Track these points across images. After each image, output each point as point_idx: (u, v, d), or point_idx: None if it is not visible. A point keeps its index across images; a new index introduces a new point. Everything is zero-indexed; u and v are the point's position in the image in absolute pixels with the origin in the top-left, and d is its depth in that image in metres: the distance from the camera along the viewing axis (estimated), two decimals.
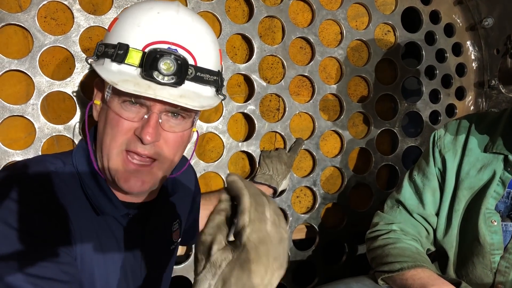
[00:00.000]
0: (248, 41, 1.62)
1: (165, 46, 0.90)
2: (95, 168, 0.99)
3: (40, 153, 1.33)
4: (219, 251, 0.66)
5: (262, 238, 0.66)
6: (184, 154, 1.29)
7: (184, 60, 0.91)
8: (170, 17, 0.94)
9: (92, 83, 1.29)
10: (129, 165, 0.93)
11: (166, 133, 0.95)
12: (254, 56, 1.60)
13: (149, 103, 0.91)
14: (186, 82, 0.92)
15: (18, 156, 1.32)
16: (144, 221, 1.07)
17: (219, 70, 1.01)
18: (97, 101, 1.01)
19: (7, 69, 1.29)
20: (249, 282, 0.64)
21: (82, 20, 1.36)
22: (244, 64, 1.59)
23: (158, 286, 1.16)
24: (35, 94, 1.32)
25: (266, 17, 1.61)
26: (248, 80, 1.64)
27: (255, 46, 1.59)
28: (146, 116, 0.92)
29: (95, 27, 1.39)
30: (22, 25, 1.29)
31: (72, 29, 1.35)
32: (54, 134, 1.35)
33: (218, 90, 1.03)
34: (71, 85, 1.36)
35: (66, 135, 1.36)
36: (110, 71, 0.91)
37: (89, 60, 0.99)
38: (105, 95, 0.94)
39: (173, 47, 0.91)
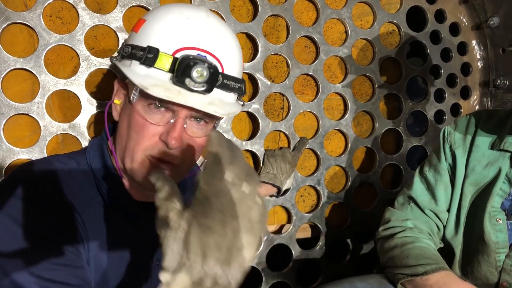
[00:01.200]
0: (252, 40, 1.62)
1: (194, 53, 0.90)
2: (112, 166, 1.00)
3: (45, 152, 1.34)
4: (175, 215, 0.64)
5: (215, 192, 0.64)
6: None
7: (216, 68, 0.91)
8: (200, 22, 0.94)
9: (98, 81, 1.30)
10: (152, 166, 0.94)
11: (188, 138, 0.95)
12: (258, 55, 1.59)
13: (176, 108, 0.91)
14: (214, 89, 0.92)
15: (23, 154, 1.32)
16: (154, 220, 1.07)
17: (242, 78, 1.01)
18: (117, 101, 1.02)
19: (13, 67, 1.29)
20: (209, 241, 0.61)
21: (87, 19, 1.36)
22: (249, 63, 1.59)
23: None
24: (40, 93, 1.33)
25: (271, 16, 1.61)
26: (252, 79, 1.64)
27: (260, 45, 1.59)
28: (172, 121, 0.92)
29: (100, 26, 1.39)
30: (28, 23, 1.30)
31: (77, 27, 1.35)
32: (59, 133, 1.35)
33: (239, 97, 1.05)
34: (76, 84, 1.36)
35: (71, 133, 1.37)
36: (138, 74, 0.91)
37: (114, 60, 0.99)
38: (131, 98, 0.94)
39: (202, 53, 0.91)
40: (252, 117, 1.67)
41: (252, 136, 1.66)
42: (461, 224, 1.30)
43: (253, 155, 1.68)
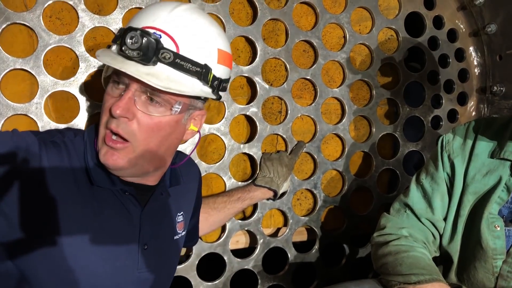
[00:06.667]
0: (251, 43, 1.62)
1: (151, 31, 0.95)
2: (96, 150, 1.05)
3: None
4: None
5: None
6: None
7: (155, 40, 0.94)
8: (167, 7, 0.99)
9: (97, 82, 1.34)
10: (107, 141, 0.99)
11: (140, 114, 0.97)
12: (257, 59, 1.60)
13: (127, 82, 0.97)
14: (162, 65, 0.96)
15: None
16: (143, 203, 1.10)
17: (206, 64, 1.01)
18: None
19: (12, 67, 1.29)
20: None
21: (87, 20, 1.37)
22: (247, 67, 1.60)
23: (160, 272, 1.16)
24: (39, 93, 1.33)
25: (270, 19, 1.62)
26: (250, 82, 1.65)
27: (259, 48, 1.60)
28: (122, 93, 0.97)
29: (99, 27, 1.39)
30: (27, 24, 1.30)
31: (76, 29, 1.36)
32: None
33: (214, 88, 1.06)
34: (75, 85, 1.36)
35: None
36: (106, 52, 1.00)
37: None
38: (103, 74, 1.04)
39: (158, 32, 0.95)
40: (250, 120, 1.67)
41: (250, 139, 1.67)
42: (459, 231, 1.30)
43: (251, 158, 1.68)
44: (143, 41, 0.93)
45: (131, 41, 0.93)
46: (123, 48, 0.94)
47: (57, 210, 0.95)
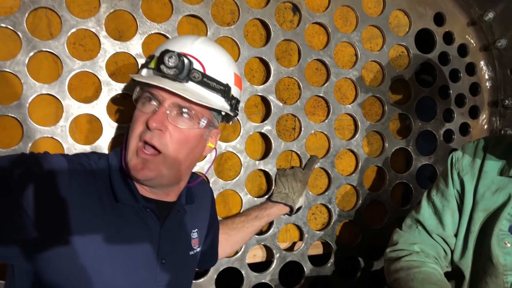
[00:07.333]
0: (265, 63, 1.67)
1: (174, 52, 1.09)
2: (123, 165, 1.13)
3: None
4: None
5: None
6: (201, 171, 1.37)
7: (189, 61, 1.09)
8: (191, 38, 1.15)
9: (119, 105, 1.46)
10: (140, 153, 1.08)
11: (172, 128, 1.08)
12: (271, 78, 1.65)
13: (161, 98, 1.08)
14: (192, 83, 1.10)
15: None
16: (162, 220, 1.16)
17: (227, 84, 1.16)
18: None
19: (38, 93, 1.37)
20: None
21: (109, 46, 1.43)
22: (261, 86, 1.65)
23: (177, 285, 1.21)
24: (64, 116, 1.40)
25: (283, 40, 1.67)
26: (265, 101, 1.70)
27: (272, 68, 1.65)
28: (156, 109, 1.08)
29: (120, 53, 1.46)
30: (53, 51, 1.37)
31: (99, 54, 1.42)
32: None
33: (232, 106, 1.20)
34: (97, 108, 1.43)
35: None
36: (139, 75, 1.13)
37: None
38: (133, 96, 1.16)
39: (185, 56, 1.09)
40: (265, 137, 1.72)
41: (265, 156, 1.72)
42: (470, 247, 1.32)
43: (266, 174, 1.73)
44: (180, 61, 1.06)
45: (169, 60, 1.06)
46: (160, 66, 1.06)
47: (81, 223, 1.00)
